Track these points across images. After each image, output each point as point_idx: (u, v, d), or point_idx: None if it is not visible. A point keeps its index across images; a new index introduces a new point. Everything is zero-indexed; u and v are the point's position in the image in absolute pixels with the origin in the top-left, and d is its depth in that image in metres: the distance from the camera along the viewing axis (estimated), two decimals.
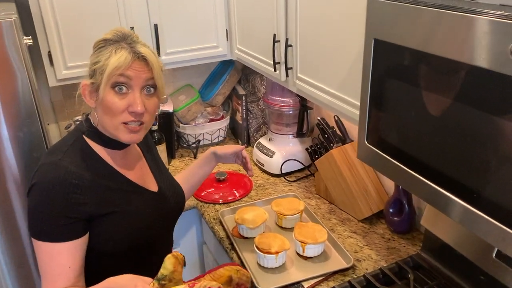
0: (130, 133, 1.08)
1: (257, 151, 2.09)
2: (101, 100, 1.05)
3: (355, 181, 1.68)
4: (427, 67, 0.91)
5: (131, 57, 1.03)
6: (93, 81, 1.06)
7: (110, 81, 1.03)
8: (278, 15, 1.58)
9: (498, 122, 0.78)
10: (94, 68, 1.05)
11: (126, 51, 1.03)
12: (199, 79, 2.44)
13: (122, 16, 1.80)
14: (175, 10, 1.91)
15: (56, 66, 1.77)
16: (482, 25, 0.76)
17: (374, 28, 1.01)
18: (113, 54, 1.02)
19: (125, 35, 1.07)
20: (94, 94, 1.07)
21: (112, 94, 1.04)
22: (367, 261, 1.47)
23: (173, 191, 1.31)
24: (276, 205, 1.65)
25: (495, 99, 0.77)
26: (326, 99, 1.43)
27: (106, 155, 1.14)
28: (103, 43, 1.06)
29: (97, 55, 1.06)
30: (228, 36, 2.05)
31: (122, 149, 1.16)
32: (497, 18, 0.73)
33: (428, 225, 1.39)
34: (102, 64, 1.03)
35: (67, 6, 1.71)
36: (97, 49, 1.06)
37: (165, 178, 1.32)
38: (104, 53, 1.04)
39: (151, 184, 1.24)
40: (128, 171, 1.18)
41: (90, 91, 1.08)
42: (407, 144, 1.01)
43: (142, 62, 1.05)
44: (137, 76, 1.04)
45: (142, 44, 1.07)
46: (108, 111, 1.05)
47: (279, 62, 1.64)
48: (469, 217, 0.88)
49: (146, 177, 1.24)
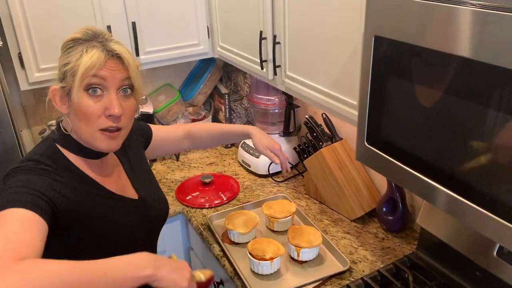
0: (108, 140, 1.00)
1: (243, 152, 2.02)
2: (75, 105, 0.96)
3: (346, 180, 1.64)
4: (432, 64, 0.87)
5: (104, 55, 0.95)
6: (64, 84, 0.97)
7: (83, 83, 0.94)
8: (264, 10, 1.52)
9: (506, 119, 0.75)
10: (64, 71, 0.96)
11: (98, 49, 0.95)
12: (178, 78, 2.36)
13: (98, 14, 1.70)
14: (154, 7, 1.82)
15: (27, 69, 1.66)
16: (494, 21, 0.73)
17: (374, 25, 0.97)
18: (84, 53, 0.94)
19: (96, 33, 0.99)
20: (66, 99, 0.99)
21: (85, 97, 0.96)
22: (363, 263, 1.43)
23: (155, 198, 1.23)
24: (267, 208, 1.60)
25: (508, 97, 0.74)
26: (318, 97, 1.38)
27: (82, 164, 1.05)
28: (72, 43, 0.98)
29: (67, 56, 0.97)
30: (210, 33, 1.98)
31: (98, 158, 1.08)
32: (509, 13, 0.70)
33: (425, 223, 1.37)
34: (73, 65, 0.94)
35: (38, 5, 1.60)
36: (66, 50, 0.98)
37: (146, 184, 1.23)
38: (74, 53, 0.95)
39: (131, 193, 1.16)
40: (106, 180, 1.09)
41: (61, 95, 0.99)
42: (411, 144, 0.97)
43: (117, 61, 0.97)
44: (112, 76, 0.96)
45: (115, 42, 0.99)
46: (83, 117, 0.97)
47: (266, 60, 1.58)
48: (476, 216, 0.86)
49: (125, 185, 1.16)
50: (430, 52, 0.86)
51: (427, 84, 0.89)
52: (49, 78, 1.68)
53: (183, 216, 1.84)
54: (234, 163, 2.10)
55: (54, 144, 1.04)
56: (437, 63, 0.86)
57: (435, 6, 0.83)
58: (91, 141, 1.01)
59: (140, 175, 1.24)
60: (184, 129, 1.50)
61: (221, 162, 2.12)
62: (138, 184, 1.20)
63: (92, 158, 1.07)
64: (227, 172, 2.02)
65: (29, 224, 0.83)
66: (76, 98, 0.95)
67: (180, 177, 1.99)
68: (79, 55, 0.94)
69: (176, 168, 2.07)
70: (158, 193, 1.26)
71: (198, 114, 2.29)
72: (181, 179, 1.96)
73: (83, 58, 0.94)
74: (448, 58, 0.83)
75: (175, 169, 2.06)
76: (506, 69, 0.73)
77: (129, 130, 1.06)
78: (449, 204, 0.91)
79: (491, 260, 1.16)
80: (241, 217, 1.54)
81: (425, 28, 0.85)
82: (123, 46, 1.00)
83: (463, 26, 0.78)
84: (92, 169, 1.07)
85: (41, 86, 1.71)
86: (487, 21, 0.74)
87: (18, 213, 0.84)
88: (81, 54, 0.94)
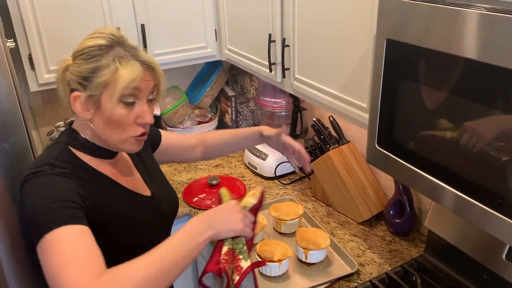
0: (137, 144, 1.04)
1: (249, 154, 2.03)
2: (106, 113, 0.98)
3: (353, 183, 1.65)
4: (442, 67, 0.87)
5: (142, 68, 0.98)
6: (92, 93, 0.97)
7: (121, 97, 0.97)
8: (273, 13, 1.53)
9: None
10: (93, 80, 0.96)
11: (135, 62, 0.97)
12: (185, 80, 2.37)
13: (107, 16, 1.72)
14: (162, 9, 1.83)
15: (37, 70, 1.67)
16: (506, 24, 0.73)
17: (387, 28, 0.98)
18: (119, 66, 0.95)
19: (119, 38, 0.99)
20: (91, 106, 0.99)
21: (120, 107, 0.98)
22: (371, 265, 1.44)
23: (166, 194, 1.25)
24: (275, 210, 1.60)
25: None
26: (327, 100, 1.39)
27: (97, 164, 1.07)
28: (97, 49, 0.97)
29: (95, 64, 0.96)
30: (217, 36, 1.99)
31: (112, 158, 1.10)
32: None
33: (433, 226, 1.37)
34: (109, 77, 0.95)
35: (49, 7, 1.61)
36: (92, 57, 0.97)
37: (158, 182, 1.26)
38: (104, 63, 0.95)
39: (144, 189, 1.18)
40: (120, 178, 1.12)
41: (85, 102, 0.99)
42: (421, 146, 0.98)
43: (149, 72, 1.00)
44: (146, 87, 1.00)
45: (140, 51, 1.01)
46: (117, 125, 0.99)
47: (274, 63, 1.59)
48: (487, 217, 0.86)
49: (138, 182, 1.18)
50: (440, 55, 0.87)
51: (437, 86, 0.90)
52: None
53: (190, 217, 1.85)
54: (241, 165, 2.10)
55: (66, 147, 1.05)
56: (447, 66, 0.86)
57: (445, 9, 0.83)
58: (121, 145, 1.04)
59: (151, 172, 1.26)
60: (197, 137, 1.52)
61: (227, 164, 2.12)
62: (150, 180, 1.22)
63: (106, 158, 1.09)
64: (234, 174, 2.03)
65: (82, 238, 0.87)
66: (110, 108, 0.97)
67: (186, 179, 1.99)
68: (114, 68, 0.95)
69: (183, 170, 2.08)
70: (169, 188, 1.29)
71: (205, 117, 2.30)
72: (187, 181, 1.97)
73: (123, 71, 0.95)
74: (457, 61, 0.83)
75: (182, 170, 2.07)
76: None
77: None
78: (459, 206, 0.91)
79: (500, 263, 1.16)
80: None
81: (436, 30, 0.86)
82: (147, 54, 1.03)
83: (472, 28, 0.79)
84: (106, 168, 1.09)
85: (50, 87, 1.72)
86: (495, 23, 0.75)
87: (67, 231, 0.86)
88: (116, 67, 0.95)
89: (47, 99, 2.04)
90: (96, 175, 1.05)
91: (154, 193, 1.19)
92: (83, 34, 1.01)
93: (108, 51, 0.97)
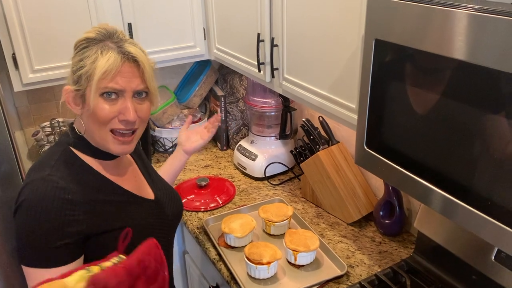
0: (121, 145, 1.00)
1: (239, 154, 2.01)
2: (89, 108, 0.95)
3: (343, 183, 1.64)
4: (431, 68, 0.86)
5: (120, 58, 0.93)
6: (78, 87, 0.95)
7: (98, 89, 0.93)
8: (262, 13, 1.51)
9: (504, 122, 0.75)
10: (79, 74, 0.94)
11: (114, 52, 0.93)
12: (173, 80, 2.34)
13: (93, 14, 1.68)
14: (150, 8, 1.81)
15: (21, 70, 1.63)
16: (495, 25, 0.72)
17: (375, 28, 0.96)
18: (99, 56, 0.92)
19: (110, 32, 0.97)
20: (80, 101, 0.97)
21: (101, 101, 0.95)
22: (361, 267, 1.42)
23: (170, 197, 1.23)
24: (264, 211, 1.58)
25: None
26: (316, 100, 1.38)
27: (98, 166, 1.04)
28: (85, 42, 0.96)
29: (80, 57, 0.95)
30: (206, 35, 1.97)
31: (113, 159, 1.07)
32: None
33: (422, 227, 1.36)
34: (88, 68, 0.92)
35: (33, 5, 1.58)
36: (80, 50, 0.96)
37: (159, 184, 1.23)
38: (88, 54, 0.93)
39: (147, 192, 1.16)
40: (123, 181, 1.08)
41: (74, 97, 0.98)
42: (410, 148, 0.97)
43: (132, 64, 0.95)
44: (128, 83, 0.95)
45: (130, 43, 0.97)
46: (96, 120, 0.96)
47: (263, 63, 1.57)
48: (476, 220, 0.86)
49: (141, 185, 1.16)
50: (429, 56, 0.86)
51: (426, 87, 0.89)
52: (43, 79, 1.67)
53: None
54: (230, 166, 2.08)
55: (68, 148, 1.02)
56: (436, 67, 0.85)
57: (434, 9, 0.82)
58: (103, 143, 1.00)
59: (154, 174, 1.24)
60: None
61: (216, 164, 2.10)
62: (153, 183, 1.20)
63: (107, 159, 1.06)
64: (223, 175, 2.01)
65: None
66: (92, 102, 0.94)
67: (175, 180, 1.97)
68: (94, 58, 0.92)
69: None
70: (172, 191, 1.27)
71: (194, 117, 2.28)
72: (176, 182, 1.95)
73: (99, 61, 0.92)
74: (446, 62, 0.82)
75: None
76: (503, 72, 0.72)
77: (142, 131, 1.06)
78: (448, 208, 0.91)
79: (489, 264, 1.16)
80: (238, 221, 1.53)
81: (425, 31, 0.85)
82: (138, 46, 0.99)
83: (461, 29, 0.78)
84: (108, 170, 1.06)
85: (35, 87, 1.69)
86: (484, 24, 0.73)
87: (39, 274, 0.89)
88: (96, 57, 0.92)
89: (32, 99, 2.00)
90: (99, 179, 1.02)
91: (157, 196, 1.17)
92: (68, 33, 1.00)
93: (96, 43, 0.95)
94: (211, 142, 2.34)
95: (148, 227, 1.08)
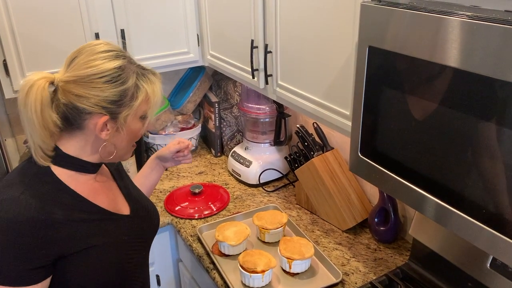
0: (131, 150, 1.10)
1: (233, 161, 2.00)
2: (125, 128, 1.00)
3: (338, 190, 1.63)
4: (424, 75, 0.86)
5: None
6: (117, 114, 0.97)
7: (139, 112, 1.01)
8: (255, 19, 1.51)
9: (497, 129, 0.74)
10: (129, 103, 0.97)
11: (156, 79, 1.03)
12: (167, 86, 2.33)
13: (86, 21, 1.67)
14: (143, 14, 1.80)
15: (12, 76, 1.61)
16: (489, 32, 0.72)
17: (369, 35, 0.96)
18: (144, 84, 1.00)
19: (127, 55, 1.01)
20: (112, 126, 0.99)
21: (140, 122, 1.03)
22: (356, 274, 1.41)
23: (146, 211, 1.20)
24: (258, 218, 1.57)
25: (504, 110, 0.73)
26: (310, 107, 1.37)
27: (74, 183, 1.00)
28: (119, 70, 0.95)
29: (121, 86, 0.96)
30: (200, 42, 1.96)
31: (96, 172, 1.06)
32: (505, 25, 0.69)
33: (417, 234, 1.36)
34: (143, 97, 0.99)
35: (24, 11, 1.56)
36: (117, 81, 0.95)
37: (137, 197, 1.21)
38: (130, 84, 0.97)
39: (123, 207, 1.13)
40: (99, 197, 1.05)
41: (105, 124, 0.98)
42: (404, 155, 0.96)
43: None
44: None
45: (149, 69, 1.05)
46: (131, 138, 1.05)
47: (257, 69, 1.56)
48: (470, 228, 0.85)
49: (118, 199, 1.13)
50: (423, 63, 0.85)
51: (420, 94, 0.88)
52: None
53: (172, 227, 1.81)
54: (224, 173, 2.07)
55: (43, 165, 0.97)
56: (430, 74, 0.85)
57: (427, 17, 0.82)
58: (124, 155, 1.07)
59: (131, 187, 1.22)
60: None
61: (210, 171, 2.09)
62: (129, 195, 1.17)
63: (90, 172, 1.04)
64: (217, 181, 2.00)
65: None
66: (134, 126, 1.01)
67: (168, 187, 1.95)
68: (142, 87, 0.99)
69: (165, 177, 2.03)
70: (148, 203, 1.24)
71: (187, 123, 2.26)
72: (169, 189, 1.93)
73: (150, 89, 1.00)
74: (440, 69, 0.82)
75: (164, 178, 2.03)
76: (496, 79, 0.72)
77: None
78: (443, 216, 0.90)
79: (484, 272, 1.15)
80: (232, 228, 1.51)
81: (418, 38, 0.85)
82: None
83: (454, 36, 0.78)
84: (84, 186, 1.02)
85: None
86: (477, 32, 0.73)
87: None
88: (142, 85, 0.99)
89: None
90: (74, 198, 0.99)
91: (133, 210, 1.14)
92: (60, 39, 0.99)
93: (127, 71, 0.97)
94: (205, 149, 2.33)
95: (123, 243, 1.06)
